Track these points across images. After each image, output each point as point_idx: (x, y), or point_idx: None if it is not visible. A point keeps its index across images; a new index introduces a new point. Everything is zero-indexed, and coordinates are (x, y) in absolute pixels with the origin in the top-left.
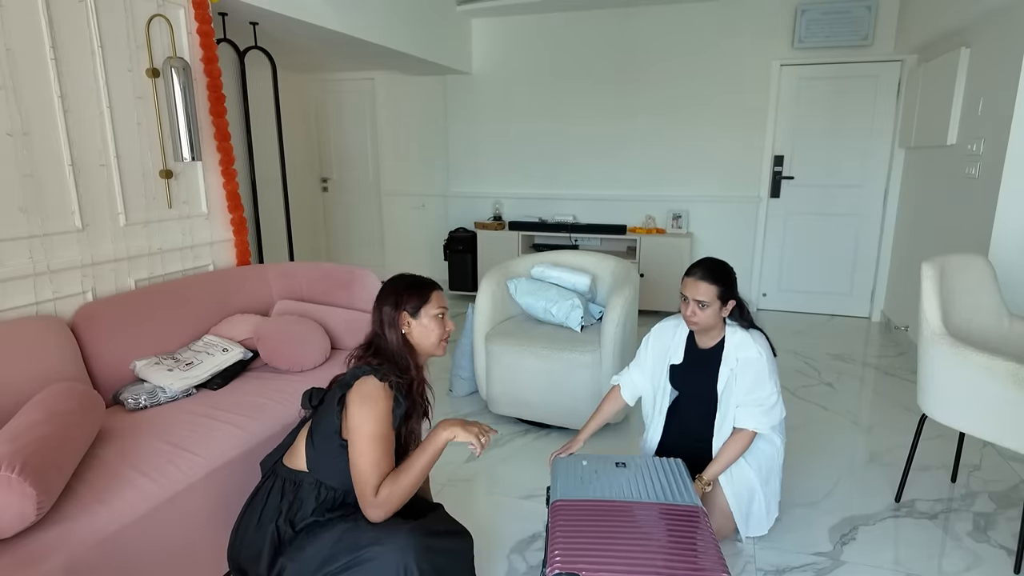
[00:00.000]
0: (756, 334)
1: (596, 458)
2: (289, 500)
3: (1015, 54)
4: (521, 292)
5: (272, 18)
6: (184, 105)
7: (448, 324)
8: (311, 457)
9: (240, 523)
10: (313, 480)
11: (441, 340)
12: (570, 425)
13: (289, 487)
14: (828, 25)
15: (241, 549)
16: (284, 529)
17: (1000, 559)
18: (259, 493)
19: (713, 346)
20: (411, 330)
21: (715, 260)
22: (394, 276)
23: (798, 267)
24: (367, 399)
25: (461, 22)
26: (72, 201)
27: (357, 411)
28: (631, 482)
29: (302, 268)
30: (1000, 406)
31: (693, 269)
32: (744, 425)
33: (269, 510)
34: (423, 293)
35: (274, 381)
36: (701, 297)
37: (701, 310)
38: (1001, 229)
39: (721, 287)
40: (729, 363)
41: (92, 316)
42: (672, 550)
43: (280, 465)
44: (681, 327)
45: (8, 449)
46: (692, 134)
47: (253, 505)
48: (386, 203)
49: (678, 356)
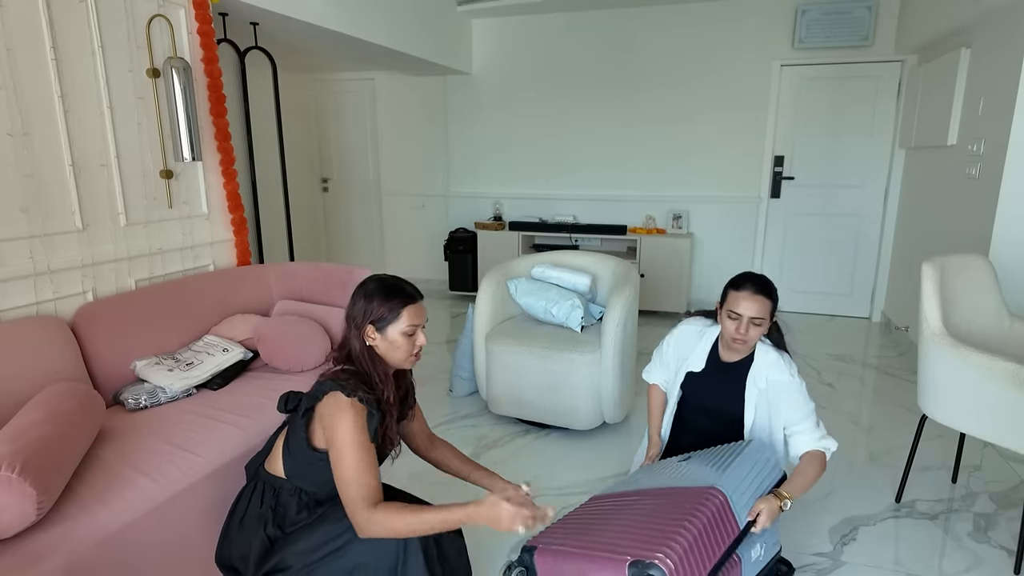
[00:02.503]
0: (786, 356)
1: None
2: (271, 506)
3: (1015, 54)
4: (521, 292)
5: (272, 18)
6: (184, 105)
7: (419, 339)
8: (288, 463)
9: (227, 527)
10: (292, 487)
11: (409, 356)
12: (570, 425)
13: (269, 493)
14: (828, 25)
15: (231, 551)
16: (274, 533)
17: (1000, 560)
18: (241, 498)
19: (738, 361)
20: (376, 343)
21: (757, 274)
22: (369, 277)
23: (798, 267)
24: (337, 414)
25: (461, 22)
26: (72, 201)
27: (330, 424)
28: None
29: (302, 268)
30: (1000, 407)
31: (744, 284)
32: (812, 447)
33: (251, 518)
34: (393, 307)
35: (274, 381)
36: (757, 315)
37: (755, 327)
38: (1001, 229)
39: (774, 303)
40: (758, 383)
41: (92, 316)
42: (640, 526)
43: (262, 469)
44: (707, 335)
45: (8, 449)
46: (692, 134)
47: (236, 510)
48: (386, 203)
49: (699, 364)
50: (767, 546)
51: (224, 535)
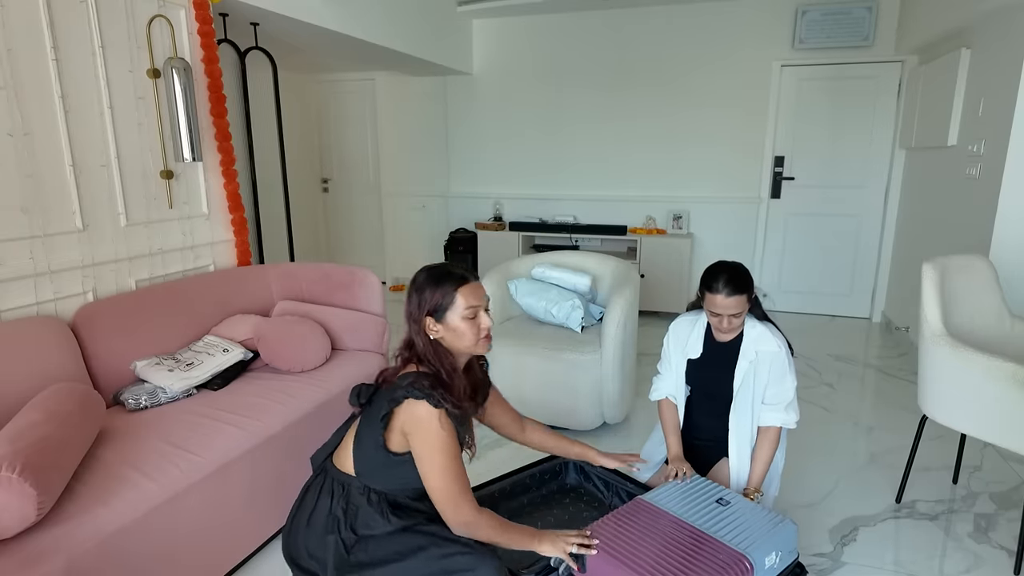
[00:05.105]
0: (773, 328)
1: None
2: (343, 507)
3: (1016, 55)
4: (522, 293)
5: (273, 19)
6: (185, 105)
7: (483, 320)
8: (359, 461)
9: (293, 520)
10: (361, 485)
11: (478, 341)
12: (570, 426)
13: (338, 491)
14: (828, 26)
15: (298, 550)
16: (347, 536)
17: (1001, 560)
18: (309, 491)
19: (731, 340)
20: (441, 335)
21: (730, 266)
22: (419, 271)
23: (799, 268)
24: (427, 427)
25: (462, 23)
26: (73, 201)
27: (417, 434)
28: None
29: (302, 268)
30: (1001, 407)
31: (716, 286)
32: (771, 423)
33: (321, 516)
34: (446, 292)
35: (274, 381)
36: (734, 311)
37: (737, 319)
38: (1002, 230)
39: (747, 294)
40: (748, 356)
41: (93, 316)
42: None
43: (329, 463)
44: (699, 322)
45: (8, 450)
46: (693, 135)
47: (304, 503)
48: (386, 203)
49: (696, 350)
50: (783, 553)
51: (290, 528)
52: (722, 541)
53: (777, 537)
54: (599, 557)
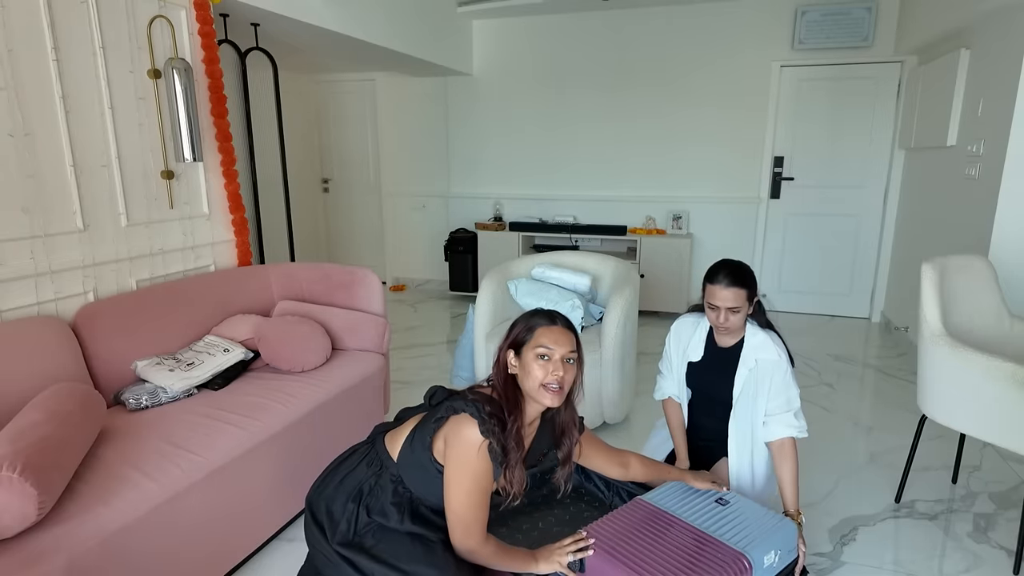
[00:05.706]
0: (774, 336)
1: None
2: (371, 483)
3: (1015, 55)
4: (521, 293)
5: (273, 19)
6: (185, 106)
7: (556, 368)
8: (404, 451)
9: (329, 474)
10: (395, 474)
11: (542, 385)
12: None
13: (375, 465)
14: (828, 26)
15: (319, 502)
16: (361, 513)
17: (1000, 560)
18: (355, 454)
19: (733, 345)
20: (516, 370)
21: (732, 262)
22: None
23: (798, 268)
24: (468, 449)
25: (462, 23)
26: (74, 201)
27: (455, 452)
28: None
29: (303, 269)
30: (1000, 407)
31: (717, 276)
32: (783, 435)
33: (351, 479)
34: (531, 327)
35: (275, 381)
36: (733, 304)
37: (734, 315)
38: (1001, 230)
39: (748, 289)
40: (748, 363)
41: (93, 316)
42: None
43: (380, 439)
44: (702, 324)
45: (9, 449)
46: (692, 135)
47: (345, 462)
48: (387, 204)
49: (697, 353)
50: (782, 552)
51: (323, 479)
52: (721, 540)
53: (776, 536)
54: (599, 557)
